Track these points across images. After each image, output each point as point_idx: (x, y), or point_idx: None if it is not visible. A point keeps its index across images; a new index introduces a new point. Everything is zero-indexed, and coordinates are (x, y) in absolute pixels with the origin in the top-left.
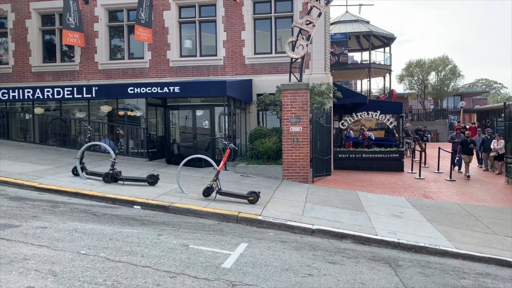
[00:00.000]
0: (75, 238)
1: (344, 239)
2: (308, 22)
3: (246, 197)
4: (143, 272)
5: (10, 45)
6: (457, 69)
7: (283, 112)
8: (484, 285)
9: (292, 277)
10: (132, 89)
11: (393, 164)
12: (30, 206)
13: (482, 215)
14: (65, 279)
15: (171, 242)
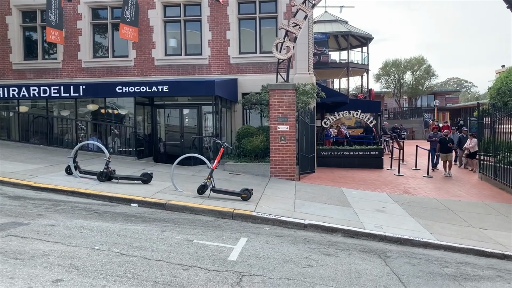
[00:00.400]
0: (85, 235)
1: (334, 233)
2: (294, 24)
3: (240, 194)
4: (158, 265)
5: None
6: (431, 69)
7: (271, 111)
8: (465, 272)
9: (294, 268)
10: (121, 88)
11: (373, 161)
12: (31, 204)
13: (459, 209)
14: (88, 272)
15: (176, 237)
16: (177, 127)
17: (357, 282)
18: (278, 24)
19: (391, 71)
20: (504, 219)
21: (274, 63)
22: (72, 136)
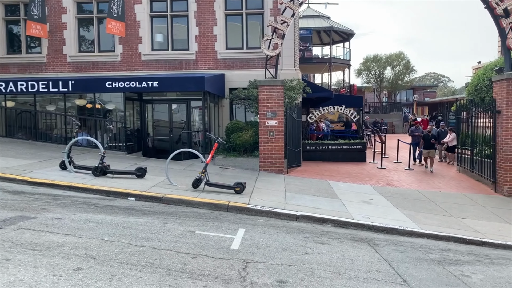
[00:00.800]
0: (92, 227)
1: (325, 223)
2: (282, 21)
3: (233, 188)
4: (167, 254)
5: None
6: (410, 64)
7: (260, 107)
8: (448, 258)
9: (293, 255)
10: (110, 83)
11: (357, 155)
12: (33, 199)
13: (440, 200)
14: (104, 261)
15: (178, 229)
16: (166, 122)
17: (351, 267)
18: (265, 21)
19: (371, 66)
20: (481, 209)
21: (261, 59)
22: (60, 131)
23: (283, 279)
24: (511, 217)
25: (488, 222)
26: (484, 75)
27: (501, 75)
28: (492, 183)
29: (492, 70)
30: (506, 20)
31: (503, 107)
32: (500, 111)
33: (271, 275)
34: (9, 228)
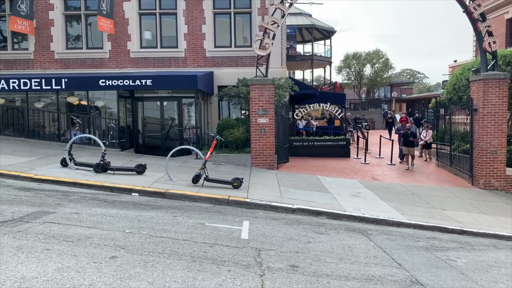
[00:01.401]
0: (110, 220)
1: (320, 216)
2: (273, 22)
3: (231, 183)
4: (187, 244)
5: None
6: (389, 62)
7: (251, 105)
8: (434, 245)
9: (298, 244)
10: (104, 81)
11: (341, 150)
12: (44, 195)
13: (422, 193)
14: (133, 250)
15: (189, 221)
16: (158, 119)
17: (351, 254)
18: (252, 20)
19: (351, 63)
20: (460, 201)
21: (249, 57)
22: (51, 128)
23: (294, 264)
24: (487, 208)
25: (467, 213)
26: (462, 74)
27: (477, 75)
28: (469, 177)
29: (469, 70)
30: (483, 23)
31: (479, 105)
32: (477, 109)
33: (283, 260)
34: (36, 222)
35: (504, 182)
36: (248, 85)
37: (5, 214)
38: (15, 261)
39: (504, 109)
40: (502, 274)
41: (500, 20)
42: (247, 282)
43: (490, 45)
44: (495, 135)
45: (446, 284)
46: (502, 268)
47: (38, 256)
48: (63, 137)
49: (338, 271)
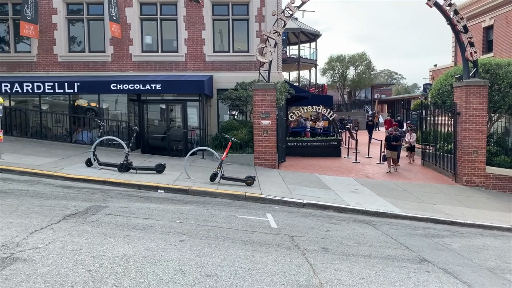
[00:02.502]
0: (157, 213)
1: (327, 210)
2: (274, 31)
3: (245, 181)
4: (231, 231)
5: None
6: (372, 64)
7: (255, 108)
8: (430, 233)
9: (320, 232)
10: (115, 85)
11: (333, 150)
12: (86, 192)
13: (412, 189)
14: (193, 236)
15: (221, 214)
16: (163, 122)
17: (366, 239)
18: (249, 26)
19: (335, 66)
20: (447, 196)
21: (246, 62)
22: (62, 130)
23: (324, 246)
24: (471, 203)
25: (453, 207)
26: (445, 80)
27: (460, 82)
28: (453, 174)
29: (452, 76)
30: (465, 35)
31: (462, 109)
32: (460, 113)
33: (314, 244)
34: (100, 214)
35: (484, 180)
36: (246, 89)
37: (69, 207)
38: (109, 243)
39: (484, 113)
40: (490, 255)
41: (478, 28)
42: (295, 259)
43: (471, 54)
44: (476, 137)
45: (447, 261)
46: (489, 250)
47: (123, 240)
48: (75, 138)
49: (360, 252)
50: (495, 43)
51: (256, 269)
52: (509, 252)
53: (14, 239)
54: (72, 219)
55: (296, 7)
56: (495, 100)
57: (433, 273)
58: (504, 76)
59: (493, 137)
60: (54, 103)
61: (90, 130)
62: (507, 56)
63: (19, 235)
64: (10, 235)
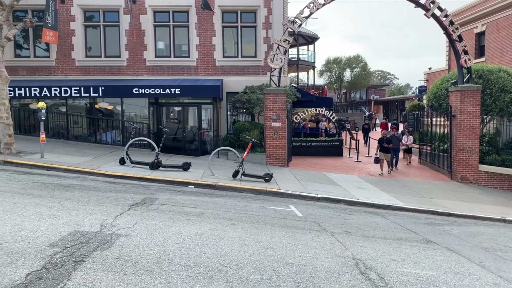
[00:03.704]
0: (201, 204)
1: (339, 203)
2: (285, 39)
3: (263, 178)
4: (268, 218)
5: None
6: (367, 66)
7: (266, 111)
8: (432, 222)
9: (339, 220)
10: (137, 89)
11: (335, 150)
12: (131, 186)
13: (412, 186)
14: (240, 221)
15: (252, 205)
16: (180, 123)
17: (379, 226)
18: (257, 33)
19: (332, 67)
20: (443, 192)
21: (254, 66)
22: (87, 131)
23: (347, 230)
24: (465, 198)
25: (450, 201)
26: (441, 85)
27: (455, 87)
28: (449, 172)
29: (448, 81)
30: (460, 43)
31: (457, 112)
32: (455, 115)
33: (338, 228)
34: (157, 204)
35: (477, 177)
36: (254, 92)
37: (128, 199)
38: (179, 225)
39: (477, 116)
40: (484, 238)
41: (470, 34)
42: (327, 238)
43: (466, 61)
44: (470, 137)
45: (449, 242)
46: (484, 235)
47: (188, 223)
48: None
49: (377, 235)
50: (487, 48)
51: (300, 244)
52: (500, 237)
53: (107, 222)
54: (137, 207)
55: (304, 17)
56: (487, 103)
57: (438, 250)
58: (496, 82)
59: (485, 137)
60: (71, 105)
61: (112, 131)
62: (498, 61)
63: (108, 219)
64: (101, 219)
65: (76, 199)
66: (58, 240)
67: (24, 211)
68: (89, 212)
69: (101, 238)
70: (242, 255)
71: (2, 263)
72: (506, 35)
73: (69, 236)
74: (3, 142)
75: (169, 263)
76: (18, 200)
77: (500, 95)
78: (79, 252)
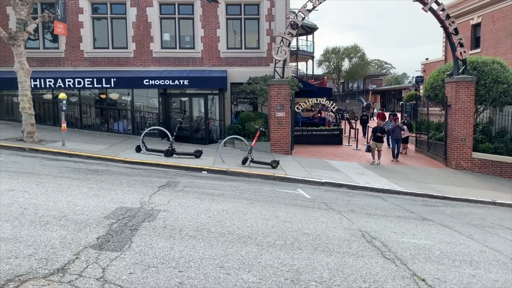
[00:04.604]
0: (218, 186)
1: (342, 187)
2: (288, 33)
3: (270, 164)
4: (280, 199)
5: None
6: (365, 56)
7: (271, 101)
8: (428, 204)
9: (344, 202)
10: (147, 81)
11: (335, 139)
12: (152, 171)
13: (409, 172)
14: (257, 201)
15: (264, 188)
16: (187, 113)
17: (380, 207)
18: (260, 25)
19: (331, 57)
20: (438, 178)
21: (257, 58)
22: (96, 120)
23: (351, 209)
24: (459, 183)
25: (444, 186)
26: (438, 76)
27: (451, 78)
28: (444, 159)
29: (444, 72)
30: (456, 36)
31: (453, 102)
32: (450, 105)
33: (343, 208)
34: (181, 186)
35: (470, 164)
36: (258, 83)
37: (154, 182)
38: (206, 203)
39: (471, 106)
40: (474, 217)
41: (466, 25)
42: (335, 215)
43: (461, 54)
44: (464, 126)
45: (443, 220)
46: (474, 215)
47: (213, 201)
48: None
49: (378, 213)
50: (482, 39)
51: (312, 219)
52: (489, 216)
53: (144, 200)
54: (165, 188)
55: (307, 10)
56: (481, 94)
57: (433, 226)
58: (489, 73)
59: (479, 126)
60: (82, 96)
61: (122, 120)
62: (492, 52)
63: (144, 198)
64: (138, 198)
65: (110, 182)
66: (110, 214)
67: (70, 191)
68: (126, 192)
69: (145, 213)
70: (266, 227)
71: (74, 230)
72: (501, 27)
73: (117, 210)
74: (26, 131)
75: (207, 231)
76: (61, 182)
77: (493, 86)
78: (131, 223)
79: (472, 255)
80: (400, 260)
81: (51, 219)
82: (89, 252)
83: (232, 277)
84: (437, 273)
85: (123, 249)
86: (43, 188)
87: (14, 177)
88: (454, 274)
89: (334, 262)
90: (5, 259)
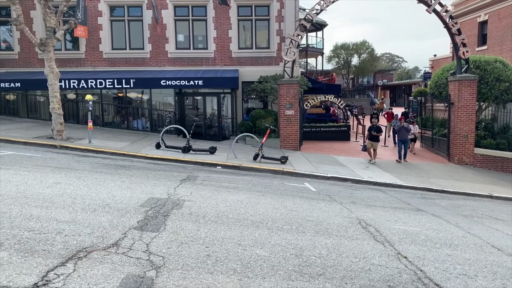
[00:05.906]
0: (232, 180)
1: (346, 181)
2: (297, 34)
3: (280, 160)
4: (288, 191)
5: (15, 34)
6: (374, 51)
7: (280, 100)
8: (426, 197)
9: (347, 194)
10: (165, 81)
11: (343, 135)
12: (172, 166)
13: (412, 167)
14: (266, 192)
15: (274, 182)
16: (201, 111)
17: (380, 199)
18: (270, 25)
19: (340, 53)
20: (440, 172)
21: (267, 58)
22: (116, 118)
23: (352, 201)
24: (460, 177)
25: (445, 180)
26: (442, 74)
27: (454, 77)
28: (447, 155)
29: (448, 71)
30: (459, 36)
31: (455, 100)
32: (453, 103)
33: (345, 199)
34: (200, 180)
35: (472, 159)
36: (268, 81)
37: (175, 176)
38: (223, 194)
39: (473, 103)
40: (466, 209)
41: (473, 23)
42: (337, 206)
43: (464, 53)
44: (467, 123)
45: (436, 211)
46: (467, 207)
47: (229, 193)
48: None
49: (377, 204)
50: (489, 37)
51: (316, 209)
52: (481, 208)
53: (170, 191)
54: (186, 182)
55: (315, 13)
56: (483, 92)
57: (425, 215)
58: (491, 72)
59: (482, 123)
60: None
61: (141, 118)
62: (498, 49)
63: (170, 190)
64: (165, 190)
65: (138, 176)
66: (144, 203)
67: (107, 184)
68: (153, 185)
69: (172, 202)
70: (275, 214)
71: (117, 215)
72: (506, 24)
73: (149, 200)
74: (56, 130)
75: (226, 217)
76: (97, 176)
77: (495, 84)
78: (162, 210)
79: (454, 239)
80: (388, 242)
81: (97, 207)
82: (133, 232)
83: (248, 251)
84: (419, 253)
85: (160, 230)
86: (83, 181)
87: (56, 172)
88: (433, 254)
89: (332, 242)
90: (71, 236)
